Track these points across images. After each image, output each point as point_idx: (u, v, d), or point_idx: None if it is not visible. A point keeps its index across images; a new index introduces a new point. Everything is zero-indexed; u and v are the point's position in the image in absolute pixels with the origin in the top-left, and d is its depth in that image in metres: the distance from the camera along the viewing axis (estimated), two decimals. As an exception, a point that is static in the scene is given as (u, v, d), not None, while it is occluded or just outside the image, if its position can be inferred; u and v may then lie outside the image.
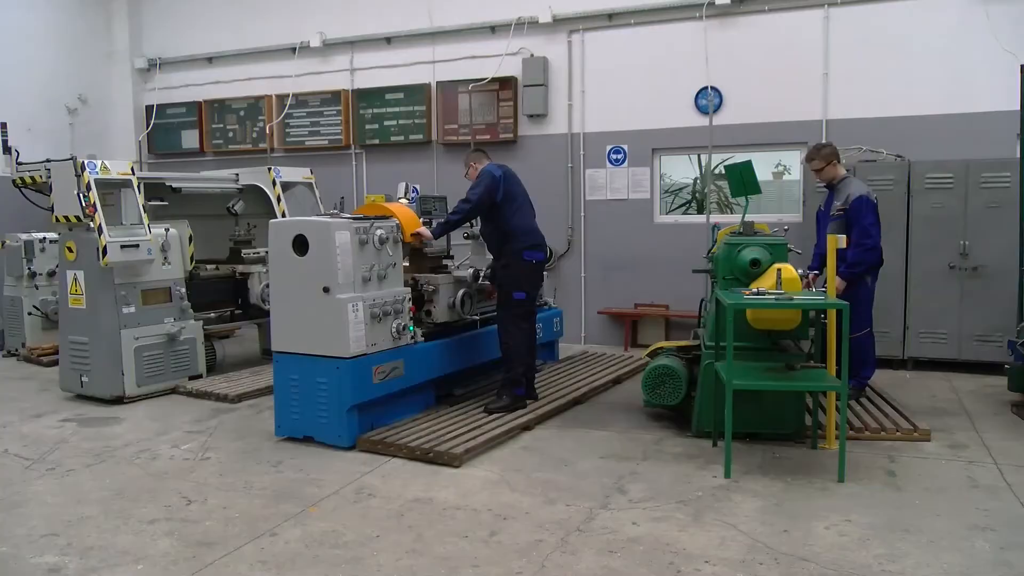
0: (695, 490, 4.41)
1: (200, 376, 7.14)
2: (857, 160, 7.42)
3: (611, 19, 8.80)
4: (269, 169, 8.28)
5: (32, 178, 7.47)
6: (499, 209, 5.82)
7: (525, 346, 5.89)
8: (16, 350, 8.70)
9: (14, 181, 7.62)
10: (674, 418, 5.74)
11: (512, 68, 9.19)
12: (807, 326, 5.11)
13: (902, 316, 7.34)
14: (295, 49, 10.31)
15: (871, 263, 5.85)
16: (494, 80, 9.22)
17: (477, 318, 6.28)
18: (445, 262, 6.48)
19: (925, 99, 7.61)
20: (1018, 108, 6.25)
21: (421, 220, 6.04)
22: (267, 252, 6.24)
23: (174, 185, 7.61)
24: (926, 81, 7.62)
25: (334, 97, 10.19)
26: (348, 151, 10.22)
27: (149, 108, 11.31)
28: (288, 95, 10.34)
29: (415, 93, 9.73)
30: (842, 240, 5.13)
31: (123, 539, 3.90)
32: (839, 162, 6.08)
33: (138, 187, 6.80)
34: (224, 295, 7.73)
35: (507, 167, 6.00)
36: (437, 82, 9.61)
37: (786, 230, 5.92)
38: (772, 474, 4.63)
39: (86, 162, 6.48)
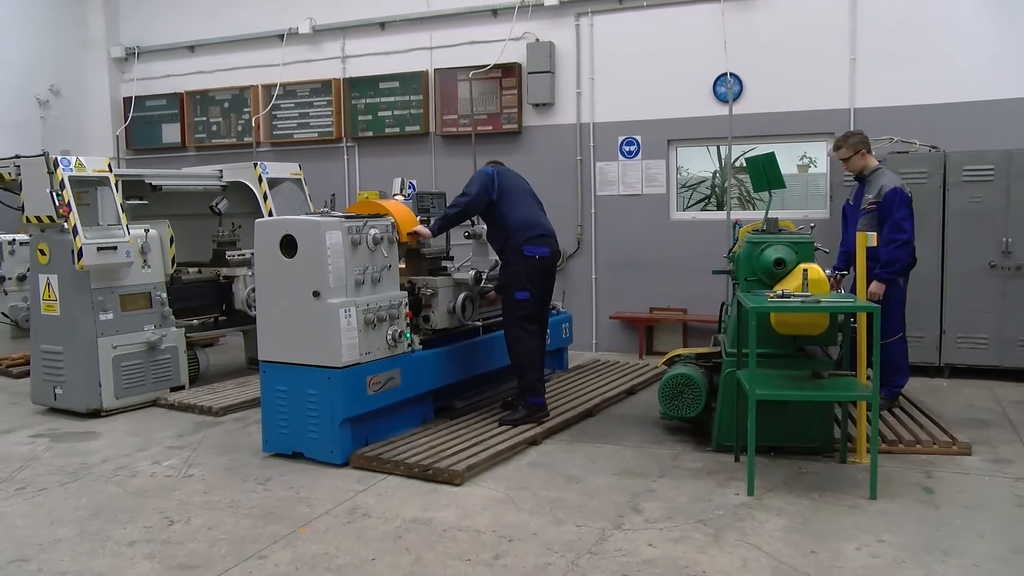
0: (715, 508, 4.41)
1: (182, 387, 7.15)
2: (887, 152, 7.40)
3: (622, 1, 8.81)
4: (255, 164, 8.29)
5: (0, 175, 7.50)
6: (496, 207, 5.86)
7: (536, 350, 5.88)
8: (-15, 360, 8.72)
9: (-19, 179, 7.66)
10: (693, 431, 5.74)
11: (516, 54, 9.20)
12: (835, 331, 5.10)
13: (938, 319, 7.32)
14: (283, 36, 10.34)
15: (907, 261, 5.82)
16: (496, 67, 9.23)
17: (479, 324, 6.28)
18: (444, 263, 6.48)
19: (962, 84, 7.59)
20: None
21: (418, 218, 6.05)
22: (253, 254, 6.25)
23: (154, 183, 7.62)
24: (963, 65, 7.59)
25: (324, 87, 10.21)
26: (339, 144, 10.24)
27: (127, 100, 11.35)
28: (275, 85, 10.37)
29: (411, 81, 9.74)
30: (872, 237, 5.11)
31: (100, 563, 3.91)
32: (869, 152, 6.06)
33: (115, 185, 6.82)
34: (207, 300, 7.73)
35: (500, 165, 6.11)
36: (435, 69, 9.62)
37: (812, 227, 5.91)
38: (798, 491, 4.63)
39: (59, 158, 6.50)
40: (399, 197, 6.51)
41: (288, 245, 5.26)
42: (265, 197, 8.19)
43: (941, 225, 7.24)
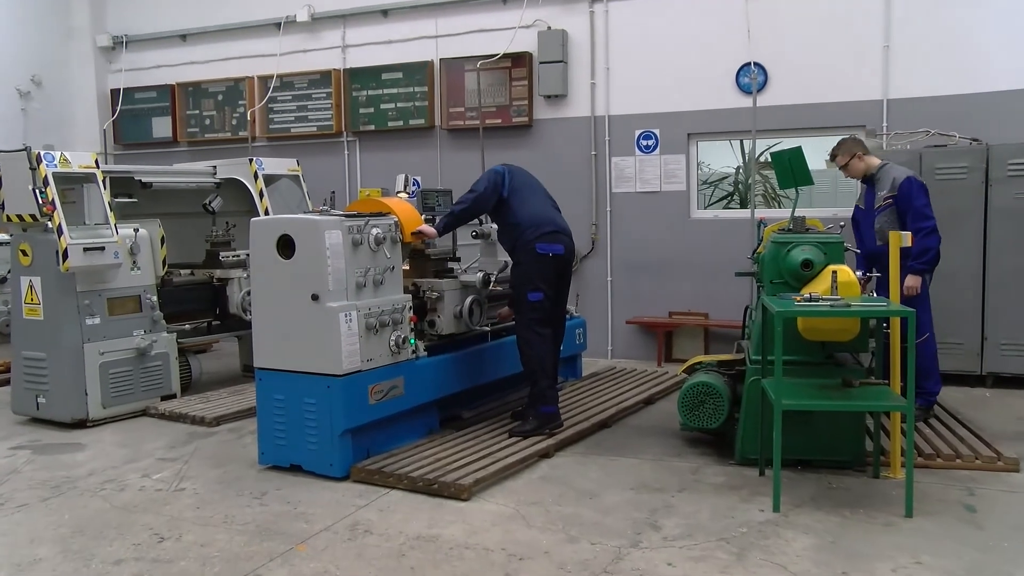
0: (739, 525, 4.40)
1: (174, 396, 7.19)
2: (923, 146, 7.37)
3: (639, -14, 8.82)
4: (250, 160, 8.34)
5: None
6: (507, 204, 5.89)
7: (549, 355, 5.88)
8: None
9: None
10: (714, 443, 5.73)
11: (526, 42, 9.21)
12: (867, 337, 5.09)
13: (979, 325, 7.27)
14: (280, 24, 10.37)
15: (937, 248, 5.90)
16: (506, 56, 9.24)
17: (488, 329, 6.29)
18: (450, 265, 6.49)
19: (1007, 71, 7.51)
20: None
21: (423, 217, 6.06)
22: (248, 255, 6.27)
23: (144, 179, 7.67)
24: (1008, 50, 7.52)
25: (324, 78, 10.25)
26: (340, 139, 10.28)
27: (114, 92, 11.41)
28: (272, 76, 10.41)
29: (415, 72, 9.77)
30: (906, 237, 5.10)
31: (86, 582, 3.93)
32: (867, 153, 6.24)
33: (103, 182, 6.85)
34: (200, 304, 7.77)
35: (511, 165, 6.15)
36: (440, 59, 9.65)
37: (842, 226, 5.91)
38: (827, 507, 4.61)
39: (42, 153, 6.53)
40: (403, 194, 6.52)
41: (285, 245, 5.28)
42: (261, 195, 8.22)
43: (983, 223, 7.18)
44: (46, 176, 6.47)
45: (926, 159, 7.17)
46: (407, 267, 6.09)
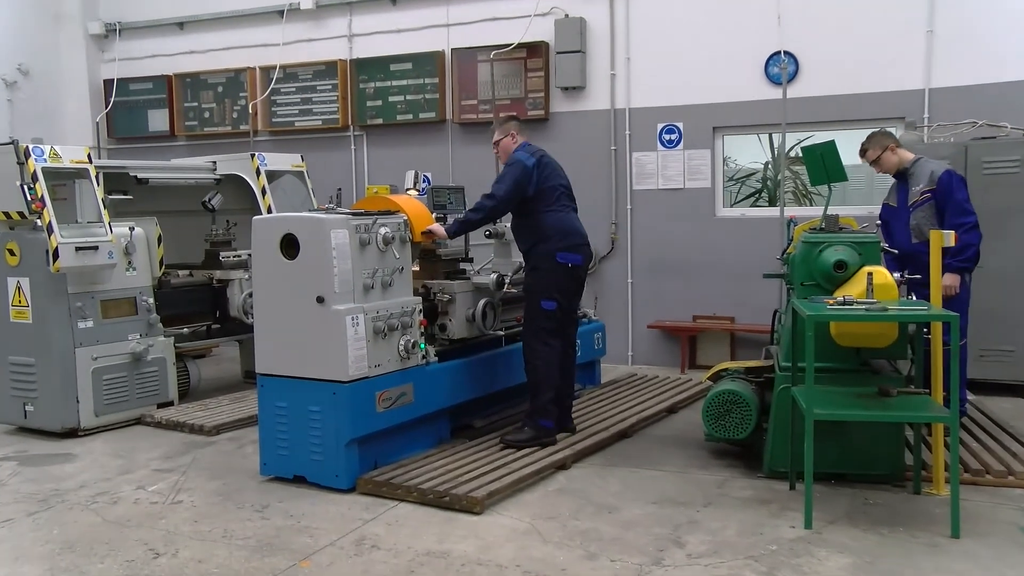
0: (768, 543, 4.38)
1: (171, 403, 7.22)
2: (969, 139, 7.31)
3: (662, -29, 8.82)
4: (252, 155, 8.37)
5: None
6: (532, 203, 5.84)
7: (555, 367, 5.88)
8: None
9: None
10: (741, 455, 5.71)
11: (542, 31, 9.21)
12: (905, 342, 5.06)
13: (1030, 330, 7.20)
14: (283, 12, 10.42)
15: (978, 245, 5.90)
16: (521, 46, 9.25)
17: (502, 333, 6.29)
18: (463, 266, 6.50)
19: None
20: None
21: (434, 215, 6.07)
22: (249, 255, 6.30)
23: (139, 175, 7.71)
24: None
25: (329, 69, 10.28)
26: (346, 133, 10.31)
27: (107, 83, 11.46)
28: (275, 67, 10.45)
29: (426, 63, 9.79)
30: (950, 237, 5.06)
31: (78, 599, 3.95)
32: (899, 146, 6.20)
33: (96, 177, 6.89)
34: (199, 306, 7.80)
35: (544, 152, 6.01)
36: (452, 49, 9.67)
37: (878, 225, 5.88)
38: (863, 524, 4.58)
39: (31, 147, 6.54)
40: (412, 192, 6.55)
41: (289, 245, 5.29)
42: (263, 192, 8.25)
43: (1035, 222, 7.12)
44: (35, 171, 6.49)
45: (972, 152, 7.11)
46: (417, 268, 6.09)
